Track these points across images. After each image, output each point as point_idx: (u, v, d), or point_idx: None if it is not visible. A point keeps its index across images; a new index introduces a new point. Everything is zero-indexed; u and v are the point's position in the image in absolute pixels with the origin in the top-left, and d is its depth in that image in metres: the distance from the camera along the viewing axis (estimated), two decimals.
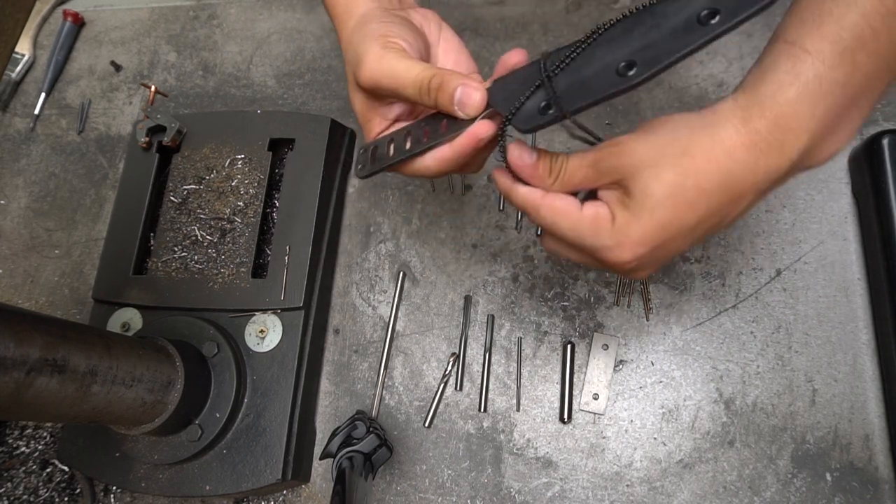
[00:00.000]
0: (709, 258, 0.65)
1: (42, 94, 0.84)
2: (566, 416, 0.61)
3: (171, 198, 0.69)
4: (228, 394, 0.60)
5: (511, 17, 0.77)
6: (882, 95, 0.35)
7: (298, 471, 0.61)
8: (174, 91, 0.82)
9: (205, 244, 0.67)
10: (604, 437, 0.61)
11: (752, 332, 0.62)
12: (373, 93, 0.41)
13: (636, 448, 0.60)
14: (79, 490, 0.66)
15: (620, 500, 0.59)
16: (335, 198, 0.70)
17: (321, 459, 0.60)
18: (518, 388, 0.63)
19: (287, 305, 0.63)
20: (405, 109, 0.43)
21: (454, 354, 0.65)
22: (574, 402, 0.62)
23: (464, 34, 0.76)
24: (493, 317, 0.66)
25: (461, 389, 0.64)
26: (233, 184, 0.69)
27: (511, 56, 0.37)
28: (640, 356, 0.63)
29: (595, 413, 0.62)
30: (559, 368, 0.63)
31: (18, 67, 0.86)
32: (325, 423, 0.65)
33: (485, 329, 0.65)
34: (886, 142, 0.58)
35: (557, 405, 0.62)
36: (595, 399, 0.62)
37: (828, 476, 0.57)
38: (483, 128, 0.37)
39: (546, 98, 0.34)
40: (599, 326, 0.64)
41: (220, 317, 0.64)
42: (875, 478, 0.57)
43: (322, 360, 0.68)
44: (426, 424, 0.63)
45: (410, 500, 0.62)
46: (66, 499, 0.65)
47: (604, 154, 0.36)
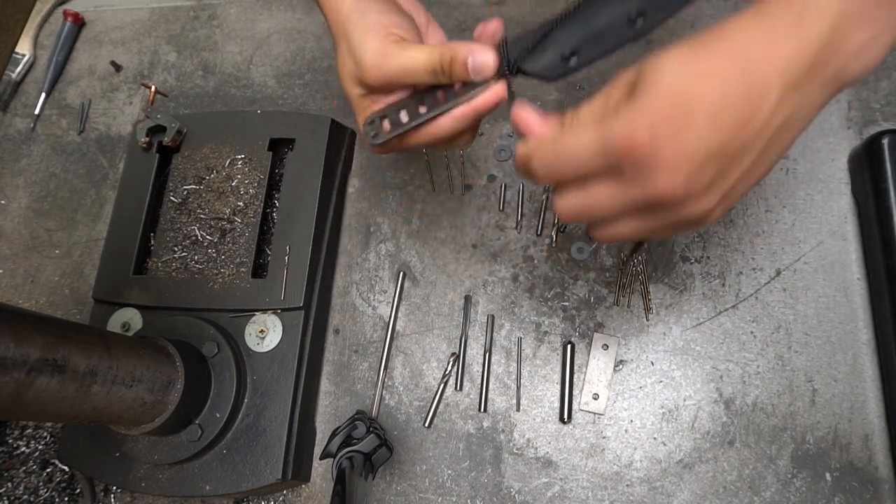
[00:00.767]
0: (709, 258, 0.65)
1: (42, 94, 0.84)
2: (566, 416, 0.61)
3: (171, 198, 0.69)
4: (228, 394, 0.60)
5: (511, 17, 0.77)
6: None
7: (298, 471, 0.61)
8: (174, 91, 0.82)
9: (205, 244, 0.67)
10: (604, 437, 0.61)
11: (752, 332, 0.62)
12: (381, 89, 0.42)
13: (636, 448, 0.60)
14: (79, 490, 0.66)
15: (620, 500, 0.59)
16: (335, 198, 0.70)
17: (321, 459, 0.60)
18: (518, 388, 0.63)
19: (287, 305, 0.63)
20: (407, 93, 0.44)
21: (454, 354, 0.65)
22: (574, 402, 0.62)
23: (464, 34, 0.76)
24: (493, 317, 0.66)
25: (461, 389, 0.64)
26: (233, 184, 0.69)
27: (489, 25, 0.40)
28: (640, 356, 0.63)
29: (595, 413, 0.62)
30: (559, 368, 0.63)
31: (19, 67, 0.86)
32: (325, 423, 0.65)
33: (485, 329, 0.66)
34: (886, 142, 0.58)
35: (557, 405, 0.62)
36: (595, 399, 0.62)
37: (828, 476, 0.57)
38: (499, 90, 0.40)
39: (561, 50, 0.38)
40: (599, 326, 0.64)
41: (220, 317, 0.64)
42: (875, 478, 0.57)
43: (322, 360, 0.68)
44: (426, 424, 0.63)
45: (410, 500, 0.62)
46: (66, 499, 0.66)
47: (614, 82, 0.34)
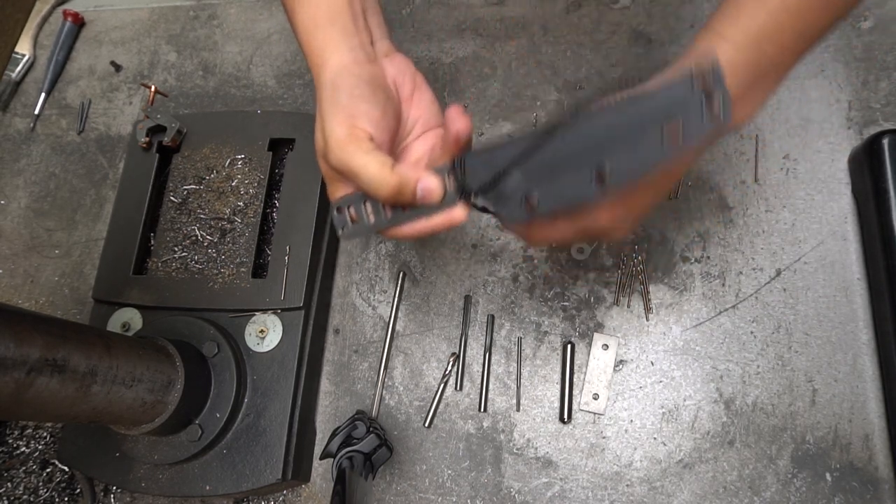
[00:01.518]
0: (709, 258, 0.65)
1: (42, 94, 0.84)
2: (566, 416, 0.61)
3: (171, 198, 0.69)
4: (228, 394, 0.60)
5: (511, 17, 0.77)
6: (787, 76, 0.41)
7: (298, 471, 0.61)
8: (174, 91, 0.82)
9: (205, 244, 0.67)
10: (604, 437, 0.61)
11: (752, 332, 0.62)
12: (345, 175, 0.42)
13: (636, 448, 0.60)
14: (79, 490, 0.66)
15: (620, 500, 0.59)
16: None
17: (321, 459, 0.60)
18: (518, 388, 0.63)
19: (287, 305, 0.63)
20: None
21: (454, 354, 0.65)
22: (574, 402, 0.62)
23: (464, 34, 0.76)
24: (493, 317, 0.66)
25: (461, 389, 0.64)
26: (233, 184, 0.69)
27: (452, 113, 0.40)
28: (640, 356, 0.63)
29: (595, 413, 0.62)
30: (559, 368, 0.63)
31: (18, 67, 0.86)
32: (325, 423, 0.65)
33: (485, 329, 0.66)
34: (886, 142, 0.58)
35: (557, 405, 0.62)
36: (595, 399, 0.62)
37: (828, 476, 0.57)
38: (459, 214, 0.42)
39: (523, 192, 0.38)
40: (599, 326, 0.64)
41: (220, 317, 0.64)
42: (875, 478, 0.57)
43: (322, 360, 0.68)
44: (426, 424, 0.63)
45: (410, 500, 0.62)
46: (66, 499, 0.66)
47: None
